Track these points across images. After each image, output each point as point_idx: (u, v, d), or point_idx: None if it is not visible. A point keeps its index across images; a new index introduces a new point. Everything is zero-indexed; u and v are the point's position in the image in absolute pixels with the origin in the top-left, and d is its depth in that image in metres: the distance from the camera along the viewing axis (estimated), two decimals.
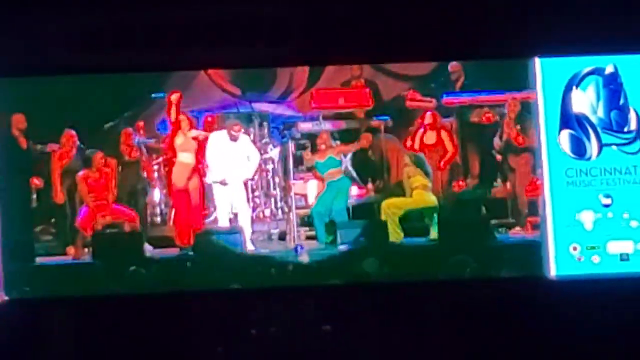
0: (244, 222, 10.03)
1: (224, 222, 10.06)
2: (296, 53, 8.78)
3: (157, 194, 10.80)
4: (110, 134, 10.58)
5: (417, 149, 10.53)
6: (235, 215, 10.13)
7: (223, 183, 10.10)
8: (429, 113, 10.65)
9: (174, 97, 9.97)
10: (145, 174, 10.70)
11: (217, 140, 10.19)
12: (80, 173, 10.05)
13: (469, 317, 8.33)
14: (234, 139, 10.16)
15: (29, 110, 9.83)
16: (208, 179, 10.14)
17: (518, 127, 10.20)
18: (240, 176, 10.21)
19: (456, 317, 8.38)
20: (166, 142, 10.27)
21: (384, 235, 9.58)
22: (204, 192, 10.21)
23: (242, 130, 10.21)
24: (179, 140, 10.17)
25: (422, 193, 9.97)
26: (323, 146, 10.33)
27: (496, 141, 10.41)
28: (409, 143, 10.66)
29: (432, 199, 9.97)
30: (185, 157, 10.17)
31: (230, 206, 10.11)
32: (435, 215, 9.83)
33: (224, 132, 10.19)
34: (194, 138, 10.13)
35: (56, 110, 9.89)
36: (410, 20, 8.62)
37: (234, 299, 8.67)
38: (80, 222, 9.99)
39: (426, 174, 10.06)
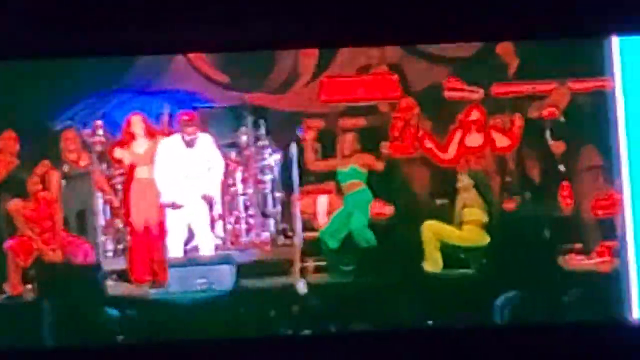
0: (205, 252, 9.13)
1: (176, 253, 9.11)
2: (302, 32, 8.29)
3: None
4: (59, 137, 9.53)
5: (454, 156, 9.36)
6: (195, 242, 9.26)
7: (174, 206, 9.13)
8: (474, 110, 9.36)
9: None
10: (98, 189, 9.59)
11: (168, 149, 9.17)
12: (12, 203, 9.08)
13: None
14: (189, 144, 9.15)
15: None
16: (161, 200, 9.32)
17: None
18: (198, 191, 9.24)
19: None
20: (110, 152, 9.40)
21: (417, 264, 8.81)
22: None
23: (199, 132, 9.24)
24: (134, 150, 9.22)
25: (474, 230, 8.97)
26: (347, 152, 9.26)
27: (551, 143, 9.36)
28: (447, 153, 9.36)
29: (484, 239, 8.96)
30: (144, 173, 9.24)
31: (188, 232, 9.21)
32: (481, 256, 8.92)
33: (177, 136, 9.24)
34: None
35: None
36: None
37: (225, 351, 8.07)
38: (12, 246, 8.98)
39: (487, 204, 9.05)
